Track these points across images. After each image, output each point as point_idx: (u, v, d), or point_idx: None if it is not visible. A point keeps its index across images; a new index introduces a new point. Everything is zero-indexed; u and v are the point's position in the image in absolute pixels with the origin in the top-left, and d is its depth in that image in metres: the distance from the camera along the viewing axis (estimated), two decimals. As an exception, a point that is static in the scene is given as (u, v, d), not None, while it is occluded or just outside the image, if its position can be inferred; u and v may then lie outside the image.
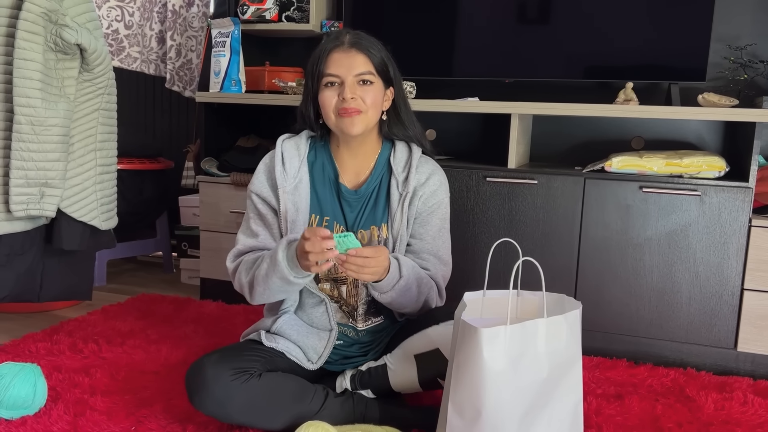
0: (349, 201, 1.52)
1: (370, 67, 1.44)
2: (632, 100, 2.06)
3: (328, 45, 1.46)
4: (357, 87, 1.43)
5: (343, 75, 1.42)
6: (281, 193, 1.47)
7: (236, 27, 2.37)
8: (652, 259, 1.96)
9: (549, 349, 1.18)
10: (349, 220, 1.51)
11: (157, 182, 2.84)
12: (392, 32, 2.38)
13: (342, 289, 1.53)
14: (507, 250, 2.07)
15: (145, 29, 3.02)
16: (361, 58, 1.44)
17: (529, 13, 2.23)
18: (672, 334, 1.97)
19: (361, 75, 1.43)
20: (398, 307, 1.48)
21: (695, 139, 2.24)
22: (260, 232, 1.50)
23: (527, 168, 2.10)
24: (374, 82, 1.45)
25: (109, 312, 2.28)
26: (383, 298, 1.43)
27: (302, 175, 1.50)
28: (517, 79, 2.27)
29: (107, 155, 1.96)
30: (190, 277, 2.79)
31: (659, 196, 1.94)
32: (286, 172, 1.49)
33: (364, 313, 1.54)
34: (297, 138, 1.55)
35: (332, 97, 1.43)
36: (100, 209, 1.93)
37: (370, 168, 1.54)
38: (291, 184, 1.48)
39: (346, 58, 1.43)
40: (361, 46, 1.45)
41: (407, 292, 1.44)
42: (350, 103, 1.41)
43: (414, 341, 1.43)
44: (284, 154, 1.51)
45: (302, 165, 1.51)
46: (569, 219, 2.02)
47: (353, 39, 1.45)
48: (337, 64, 1.43)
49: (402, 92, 1.54)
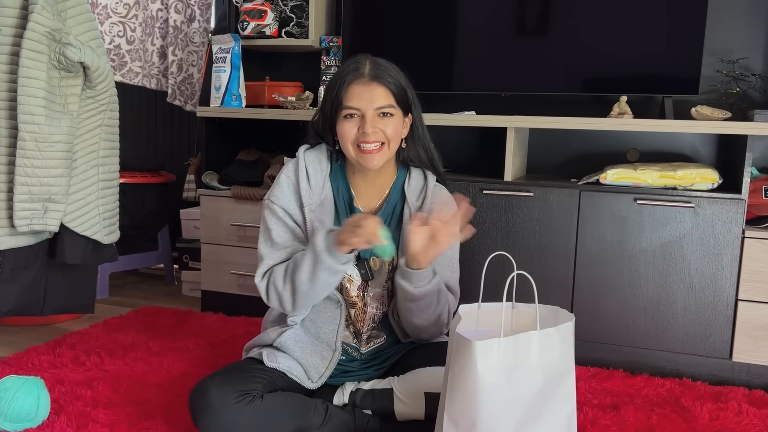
0: None
1: (391, 100, 1.43)
2: (626, 114, 2.09)
3: (347, 76, 1.43)
4: (378, 120, 1.42)
5: (363, 108, 1.41)
6: (308, 211, 1.46)
7: (236, 43, 2.41)
8: (647, 271, 1.98)
9: (542, 362, 1.20)
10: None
11: (158, 196, 2.87)
12: (390, 47, 2.42)
13: (351, 313, 1.55)
14: (503, 262, 2.10)
15: (146, 44, 3.07)
16: (382, 91, 1.42)
17: (525, 28, 2.27)
18: (668, 344, 1.99)
19: (382, 108, 1.42)
20: (419, 313, 1.45)
21: (690, 151, 2.27)
22: (288, 245, 1.46)
23: (523, 180, 2.13)
24: (394, 114, 1.44)
25: (112, 325, 2.30)
26: (417, 291, 1.40)
27: (326, 192, 1.49)
28: (513, 92, 2.30)
29: (109, 170, 1.99)
30: (191, 289, 2.81)
31: (654, 208, 1.96)
32: (312, 190, 1.47)
33: (368, 338, 1.56)
34: (318, 152, 1.52)
35: (352, 129, 1.42)
36: (102, 223, 1.96)
37: (385, 194, 1.53)
38: (317, 202, 1.47)
39: (366, 91, 1.41)
40: (382, 79, 1.43)
41: (434, 296, 1.44)
42: (371, 137, 1.40)
43: (426, 377, 1.43)
44: (308, 169, 1.49)
45: (326, 182, 1.50)
46: (565, 231, 2.05)
47: (374, 71, 1.43)
48: (358, 97, 1.41)
49: (420, 116, 1.53)
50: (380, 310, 1.55)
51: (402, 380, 1.47)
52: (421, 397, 1.42)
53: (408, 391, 1.44)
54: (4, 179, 1.79)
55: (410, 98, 1.49)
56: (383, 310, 1.55)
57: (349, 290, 1.52)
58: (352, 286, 1.52)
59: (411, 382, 1.45)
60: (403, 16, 2.38)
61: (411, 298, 1.43)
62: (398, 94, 1.45)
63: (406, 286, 1.41)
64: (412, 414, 1.43)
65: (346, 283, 1.52)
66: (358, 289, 1.53)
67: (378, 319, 1.55)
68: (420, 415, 1.42)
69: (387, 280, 1.53)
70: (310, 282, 1.37)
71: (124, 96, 3.29)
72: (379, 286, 1.53)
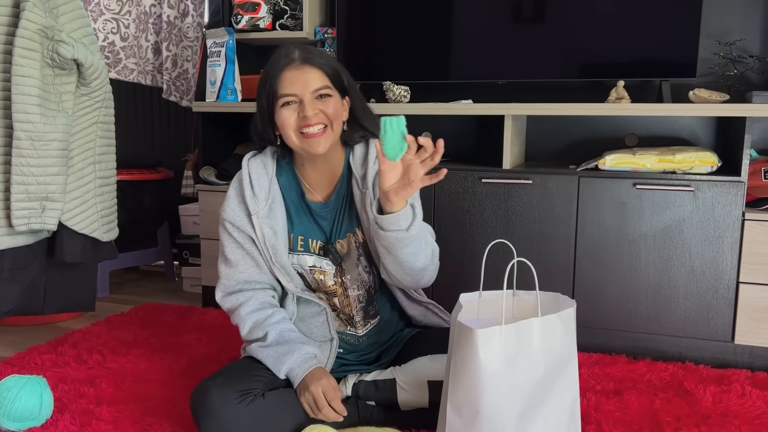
0: (322, 215, 1.50)
1: (326, 81, 1.40)
2: (624, 98, 2.08)
3: (279, 64, 1.40)
4: (316, 102, 1.39)
5: (300, 93, 1.38)
6: (255, 219, 1.44)
7: (231, 37, 2.40)
8: (648, 255, 1.98)
9: (544, 348, 1.20)
10: (326, 232, 1.51)
11: (156, 192, 2.87)
12: (386, 37, 2.40)
13: (335, 301, 1.54)
14: (504, 250, 2.09)
15: (140, 41, 3.05)
16: (316, 73, 1.39)
17: (520, 15, 2.25)
18: (670, 328, 1.99)
19: (319, 90, 1.39)
20: (414, 258, 1.37)
21: (688, 135, 2.26)
22: (240, 263, 1.48)
23: (522, 168, 2.13)
24: (332, 95, 1.41)
25: (113, 322, 2.30)
26: (406, 236, 1.32)
27: (274, 195, 1.47)
28: (510, 80, 2.29)
29: (106, 167, 1.99)
30: (192, 285, 2.81)
31: (653, 192, 1.96)
32: (256, 196, 1.45)
33: (363, 318, 1.56)
34: (262, 156, 1.50)
35: (291, 116, 1.39)
36: (100, 221, 1.95)
37: (338, 177, 1.51)
38: (264, 208, 1.45)
39: (300, 75, 1.38)
40: (314, 62, 1.40)
41: (422, 237, 1.38)
42: (313, 119, 1.37)
43: (428, 365, 1.42)
44: (252, 175, 1.47)
45: (272, 184, 1.47)
46: (565, 218, 2.04)
47: (304, 55, 1.40)
48: (292, 83, 1.38)
49: (359, 99, 1.49)
50: (362, 288, 1.53)
51: (404, 369, 1.47)
52: (424, 386, 1.41)
53: (410, 380, 1.44)
54: (1, 179, 1.78)
55: (345, 80, 1.45)
56: (366, 287, 1.54)
57: (324, 281, 1.52)
58: (326, 276, 1.52)
59: (413, 371, 1.45)
60: (399, 4, 2.37)
61: (405, 242, 1.33)
62: (332, 75, 1.41)
63: (395, 234, 1.32)
64: (415, 403, 1.43)
65: (318, 275, 1.51)
66: (333, 276, 1.52)
67: (364, 299, 1.54)
68: (424, 404, 1.42)
69: (358, 257, 1.51)
70: (259, 354, 1.43)
71: (120, 93, 3.29)
72: (352, 266, 1.51)
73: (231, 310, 1.51)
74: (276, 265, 1.47)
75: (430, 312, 1.61)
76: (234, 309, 1.49)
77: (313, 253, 1.51)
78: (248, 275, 1.49)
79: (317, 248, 1.51)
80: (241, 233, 1.47)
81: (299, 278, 1.53)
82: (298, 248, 1.51)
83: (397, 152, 1.24)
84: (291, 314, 1.52)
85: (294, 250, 1.51)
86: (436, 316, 1.61)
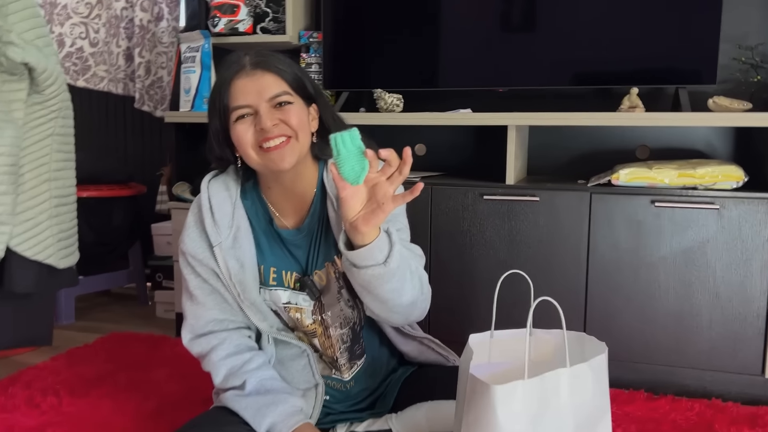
0: (295, 243, 1.26)
1: (284, 86, 1.18)
2: (638, 107, 1.91)
3: (227, 74, 1.19)
4: (275, 112, 1.16)
5: (254, 103, 1.16)
6: (218, 251, 1.22)
7: (206, 41, 2.20)
8: (667, 280, 1.80)
9: (573, 403, 1.01)
10: (302, 262, 1.27)
11: (127, 209, 2.65)
12: (377, 41, 2.22)
13: (315, 342, 1.32)
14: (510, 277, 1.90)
15: (111, 46, 2.84)
16: (270, 78, 1.17)
17: (521, 17, 2.07)
18: (692, 360, 1.80)
19: (277, 97, 1.17)
20: (398, 294, 1.13)
21: (704, 147, 2.08)
22: (207, 300, 1.26)
23: (527, 184, 1.94)
24: (293, 101, 1.18)
25: (75, 356, 2.08)
26: (385, 271, 1.07)
27: (239, 221, 1.24)
28: (511, 88, 2.11)
29: (64, 185, 1.77)
30: (165, 310, 2.59)
31: (673, 210, 1.78)
32: (218, 225, 1.22)
33: (348, 360, 1.33)
34: (225, 177, 1.27)
35: (247, 131, 1.16)
36: (56, 245, 1.73)
37: (310, 198, 1.27)
38: (227, 237, 1.22)
39: (252, 82, 1.17)
40: (267, 65, 1.18)
41: (406, 267, 1.12)
42: (272, 131, 1.15)
43: (429, 414, 1.21)
44: (212, 200, 1.24)
45: (236, 209, 1.25)
46: (575, 238, 1.86)
47: (255, 59, 1.19)
48: (244, 92, 1.16)
49: (328, 107, 1.27)
50: (346, 326, 1.29)
51: (401, 418, 1.26)
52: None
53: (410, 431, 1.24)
54: (-61, 199, 1.57)
55: (309, 87, 1.23)
56: (350, 325, 1.30)
57: (302, 320, 1.28)
58: (303, 315, 1.28)
59: (412, 421, 1.24)
60: (389, 7, 2.18)
61: (377, 282, 1.08)
62: (291, 79, 1.19)
63: (366, 273, 1.06)
64: None
65: (294, 314, 1.28)
66: (312, 314, 1.28)
67: (348, 338, 1.31)
68: None
69: (339, 289, 1.27)
70: (242, 411, 1.20)
71: (90, 102, 3.07)
72: (333, 301, 1.27)
73: (201, 355, 1.28)
74: (245, 303, 1.25)
75: (426, 347, 1.39)
76: (205, 354, 1.27)
77: (288, 287, 1.28)
78: (218, 313, 1.27)
79: (292, 282, 1.28)
80: (204, 267, 1.25)
81: (274, 316, 1.30)
82: (270, 282, 1.28)
83: (357, 173, 1.01)
84: (269, 356, 1.31)
85: (266, 284, 1.28)
86: (433, 351, 1.40)
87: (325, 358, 1.33)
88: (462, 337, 1.15)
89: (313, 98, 1.24)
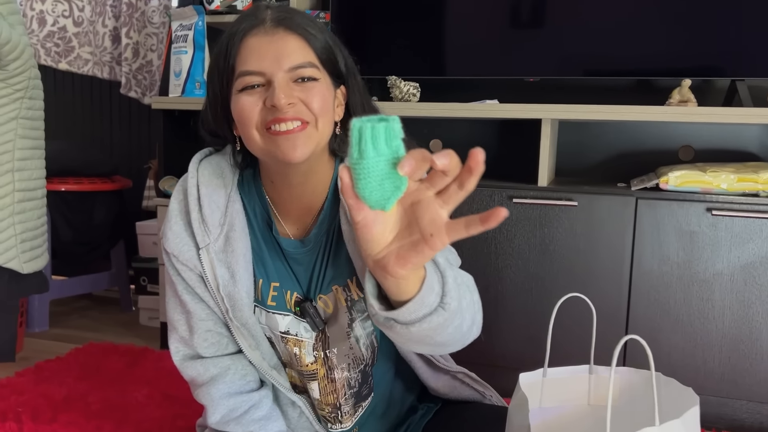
0: (296, 257, 1.00)
1: (311, 56, 0.90)
2: (690, 101, 1.68)
3: (240, 27, 0.91)
4: (294, 87, 0.89)
5: (269, 70, 0.88)
6: (204, 255, 0.96)
7: (200, 17, 1.96)
8: (723, 299, 1.57)
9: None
10: (303, 283, 1.01)
11: (111, 205, 2.41)
12: (392, 24, 1.98)
13: (313, 387, 1.05)
14: (539, 288, 1.67)
15: (97, 26, 2.59)
16: (295, 42, 0.89)
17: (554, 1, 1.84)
18: (749, 392, 1.58)
19: (299, 69, 0.89)
20: (458, 334, 0.80)
21: (757, 148, 1.86)
22: (196, 309, 1.01)
23: (563, 186, 1.71)
24: (319, 78, 0.91)
25: (44, 371, 1.83)
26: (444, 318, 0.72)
27: (234, 219, 0.97)
28: (543, 77, 1.88)
29: (30, 176, 1.53)
30: (150, 318, 2.35)
31: (732, 220, 1.55)
32: (206, 222, 0.96)
33: (353, 405, 1.07)
34: (219, 159, 1.01)
35: (254, 106, 0.89)
36: (20, 247, 1.49)
37: (320, 203, 1.00)
38: (218, 238, 0.97)
39: (270, 43, 0.89)
40: (293, 24, 0.90)
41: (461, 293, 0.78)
42: (287, 112, 0.87)
43: None
44: (201, 188, 0.98)
45: (231, 202, 0.98)
46: (617, 249, 1.63)
47: (279, 14, 0.91)
48: (258, 54, 0.88)
49: (361, 92, 0.99)
50: (356, 368, 1.03)
51: None
52: None
53: None
54: None
55: (341, 63, 0.95)
56: (361, 366, 1.03)
57: (300, 357, 1.03)
58: (303, 350, 1.02)
59: None
60: (406, -16, 1.95)
61: (432, 334, 0.74)
62: (321, 48, 0.92)
63: (415, 330, 0.72)
64: None
65: (292, 347, 1.02)
66: (314, 350, 1.02)
67: (357, 382, 1.05)
68: None
69: (350, 322, 1.00)
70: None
71: (73, 87, 2.82)
72: (341, 336, 1.01)
73: (196, 383, 1.03)
74: (234, 323, 0.99)
75: (460, 382, 1.14)
76: (201, 384, 1.02)
77: (290, 311, 1.01)
78: (213, 324, 1.01)
79: (293, 304, 1.01)
80: (191, 272, 0.98)
81: (269, 345, 1.04)
82: (268, 302, 1.01)
83: (386, 193, 0.59)
84: (269, 392, 1.07)
85: (262, 303, 1.01)
86: (468, 387, 1.14)
87: (326, 408, 1.07)
88: (483, 366, 0.92)
89: (344, 78, 0.96)
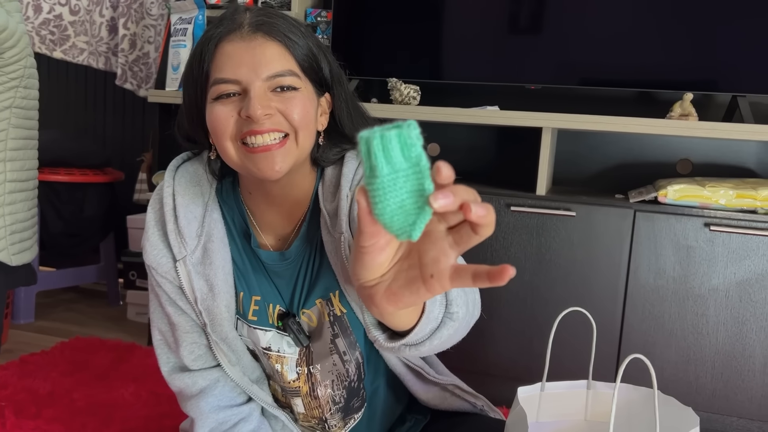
0: (277, 270, 0.96)
1: (291, 64, 0.85)
2: (691, 115, 1.68)
3: (216, 31, 0.86)
4: (272, 96, 0.84)
5: (245, 79, 0.83)
6: (181, 268, 0.92)
7: (200, 11, 1.93)
8: (718, 315, 1.57)
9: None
10: (285, 297, 0.97)
11: (101, 197, 2.38)
12: (394, 25, 1.96)
13: (297, 403, 1.03)
14: (534, 297, 1.66)
15: (93, 15, 2.56)
16: (274, 49, 0.84)
17: (557, 7, 1.83)
18: (740, 409, 1.57)
19: (278, 77, 0.84)
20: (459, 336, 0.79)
21: (755, 164, 1.86)
22: (180, 322, 0.96)
23: (561, 196, 1.70)
24: (299, 87, 0.85)
25: (28, 365, 1.80)
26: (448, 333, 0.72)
27: (211, 229, 0.93)
28: (544, 85, 1.87)
29: (22, 167, 1.50)
30: (137, 313, 2.32)
31: (729, 236, 1.55)
32: (182, 233, 0.92)
33: (342, 419, 1.04)
34: (196, 166, 0.96)
35: (228, 117, 0.84)
36: (9, 239, 1.46)
37: (302, 214, 0.95)
38: (195, 249, 0.92)
39: (247, 50, 0.83)
40: (273, 29, 0.84)
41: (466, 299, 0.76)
42: (263, 123, 0.82)
43: None
44: (177, 197, 0.93)
45: (209, 211, 0.94)
46: (614, 261, 1.62)
47: (258, 18, 0.85)
48: (234, 61, 0.83)
49: (347, 99, 0.93)
50: (340, 386, 0.99)
51: None
52: None
53: None
54: None
55: (325, 69, 0.89)
56: (346, 383, 0.99)
57: (282, 374, 0.99)
58: (285, 366, 0.98)
59: None
60: (410, -14, 1.93)
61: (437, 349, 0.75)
62: (303, 57, 0.86)
63: (420, 350, 0.72)
64: None
65: (274, 363, 0.98)
66: (297, 365, 0.98)
67: (342, 398, 1.01)
68: None
69: (333, 337, 0.96)
70: None
71: (67, 76, 2.78)
72: (324, 351, 0.97)
73: (185, 395, 1.00)
74: (212, 337, 0.95)
75: (450, 394, 1.09)
76: (191, 396, 0.99)
77: (272, 326, 0.97)
78: (198, 336, 0.98)
79: (276, 318, 0.97)
80: (171, 284, 0.95)
81: (250, 359, 1.01)
82: (249, 316, 0.97)
83: (411, 217, 0.47)
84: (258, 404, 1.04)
85: (243, 316, 0.97)
86: (459, 398, 1.12)
87: (310, 418, 1.05)
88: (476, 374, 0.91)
89: (328, 85, 0.91)
